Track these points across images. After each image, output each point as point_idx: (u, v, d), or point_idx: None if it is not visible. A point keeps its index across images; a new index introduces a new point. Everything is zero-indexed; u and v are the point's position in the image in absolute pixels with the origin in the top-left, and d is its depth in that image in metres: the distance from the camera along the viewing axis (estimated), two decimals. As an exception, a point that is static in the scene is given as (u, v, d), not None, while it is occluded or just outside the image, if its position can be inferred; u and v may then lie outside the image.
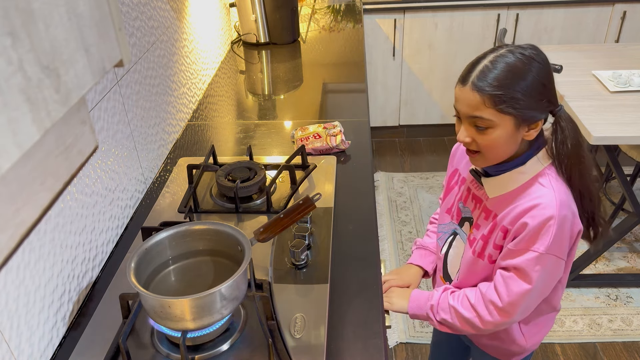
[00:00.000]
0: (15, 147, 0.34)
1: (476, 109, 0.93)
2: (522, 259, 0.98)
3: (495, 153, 0.98)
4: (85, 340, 1.00)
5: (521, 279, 0.99)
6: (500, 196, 1.03)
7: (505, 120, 0.93)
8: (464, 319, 1.08)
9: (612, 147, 2.12)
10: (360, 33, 2.61)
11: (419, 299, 1.15)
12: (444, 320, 1.11)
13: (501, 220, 1.02)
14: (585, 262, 2.33)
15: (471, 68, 0.95)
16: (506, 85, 0.91)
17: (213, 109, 1.91)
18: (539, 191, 0.97)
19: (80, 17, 0.41)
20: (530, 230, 0.96)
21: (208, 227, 1.04)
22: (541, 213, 0.95)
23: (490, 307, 1.04)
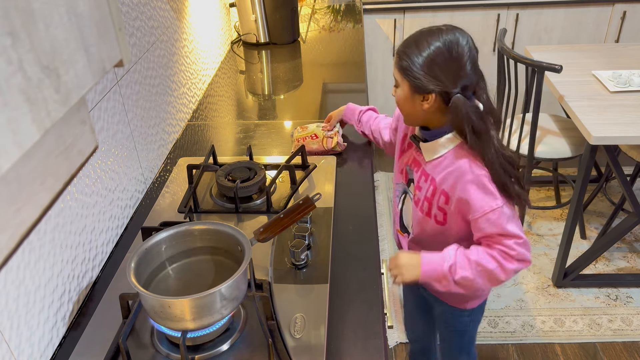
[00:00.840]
0: (15, 147, 0.34)
1: (394, 69, 1.12)
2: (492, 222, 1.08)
3: (403, 109, 1.15)
4: (85, 340, 1.00)
5: (511, 238, 1.09)
6: (434, 160, 1.15)
7: (404, 83, 1.10)
8: (487, 271, 1.09)
9: (612, 147, 2.12)
10: (360, 33, 2.61)
11: (431, 261, 1.13)
12: (464, 278, 1.10)
13: (440, 184, 1.14)
14: (585, 262, 2.33)
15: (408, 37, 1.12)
16: (406, 53, 1.07)
17: (213, 109, 1.91)
18: (460, 161, 1.10)
19: (80, 17, 0.41)
20: (475, 194, 1.08)
21: (208, 227, 1.04)
22: (474, 175, 1.08)
23: (507, 256, 1.09)
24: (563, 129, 2.49)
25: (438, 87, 1.06)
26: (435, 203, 1.16)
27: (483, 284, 1.12)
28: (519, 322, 2.21)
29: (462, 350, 1.52)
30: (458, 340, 1.50)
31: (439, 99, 1.08)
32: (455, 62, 1.05)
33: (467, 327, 1.44)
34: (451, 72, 1.05)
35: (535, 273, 2.46)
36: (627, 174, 2.45)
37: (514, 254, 1.09)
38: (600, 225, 2.69)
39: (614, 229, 2.30)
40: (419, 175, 1.20)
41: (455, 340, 1.50)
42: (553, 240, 2.65)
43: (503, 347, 2.10)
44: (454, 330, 1.47)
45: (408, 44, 1.08)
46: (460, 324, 1.43)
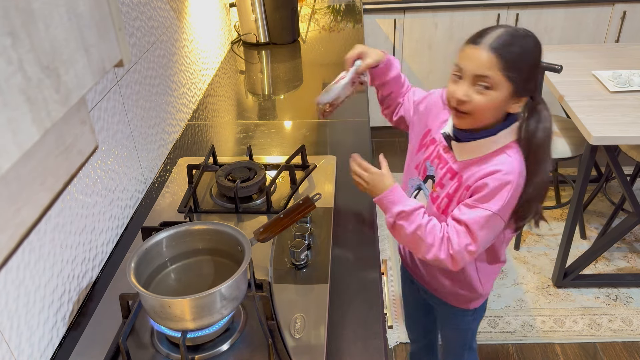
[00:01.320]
0: (15, 147, 0.34)
1: (486, 68, 0.99)
2: (474, 216, 1.06)
3: (483, 116, 1.05)
4: (85, 340, 1.00)
5: (470, 236, 1.06)
6: (468, 160, 1.11)
7: (504, 86, 1.00)
8: (421, 240, 1.08)
9: (612, 147, 2.12)
10: (360, 33, 2.61)
11: (395, 194, 1.11)
12: (401, 227, 1.10)
13: (466, 180, 1.10)
14: (585, 262, 2.33)
15: (483, 33, 1.02)
16: (517, 55, 0.99)
17: (213, 109, 1.91)
18: (505, 159, 1.06)
19: (80, 17, 0.41)
20: (489, 190, 1.05)
21: (208, 227, 1.04)
22: (502, 177, 1.04)
23: (449, 245, 1.08)
24: (563, 129, 2.49)
25: (534, 90, 1.03)
26: (457, 199, 1.13)
27: (410, 246, 1.13)
28: (519, 322, 2.21)
29: (465, 347, 1.52)
30: (461, 338, 1.50)
31: (523, 104, 1.05)
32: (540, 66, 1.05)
33: (470, 325, 1.45)
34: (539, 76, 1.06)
35: (535, 273, 2.46)
36: (627, 174, 2.45)
37: (455, 250, 1.06)
38: (600, 225, 2.69)
39: (614, 229, 2.30)
40: (444, 173, 1.15)
41: (458, 338, 1.51)
42: (553, 240, 2.65)
43: (503, 347, 2.10)
44: (457, 329, 1.47)
45: (513, 45, 0.99)
46: (464, 323, 1.44)
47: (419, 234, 1.08)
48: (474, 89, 1.02)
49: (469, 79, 1.02)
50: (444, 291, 1.34)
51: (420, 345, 1.76)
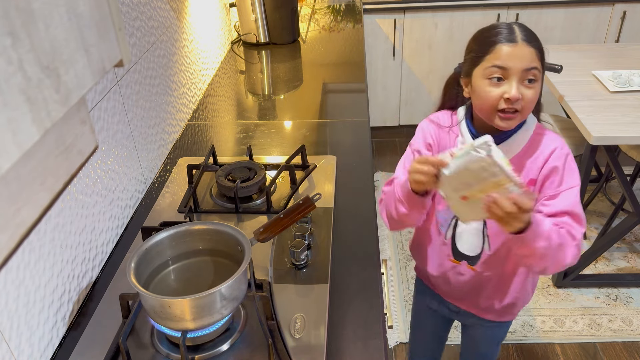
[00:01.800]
0: (15, 147, 0.34)
1: (532, 61, 1.01)
2: (568, 201, 1.05)
3: (530, 109, 1.05)
4: (85, 340, 1.00)
5: (576, 220, 1.05)
6: (512, 158, 1.08)
7: (541, 75, 1.03)
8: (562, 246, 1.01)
9: (612, 147, 2.12)
10: (360, 33, 2.61)
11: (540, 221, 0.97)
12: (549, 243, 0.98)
13: (526, 176, 1.09)
14: (585, 262, 2.33)
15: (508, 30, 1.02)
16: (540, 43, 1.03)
17: (213, 109, 1.91)
18: (545, 139, 1.09)
19: (80, 17, 0.41)
20: (562, 170, 1.06)
21: (208, 227, 1.04)
22: (560, 152, 1.07)
23: (572, 238, 1.04)
24: (563, 129, 2.49)
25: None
26: None
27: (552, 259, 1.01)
28: (519, 322, 2.21)
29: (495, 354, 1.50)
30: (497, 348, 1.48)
31: None
32: None
33: (506, 333, 1.43)
34: None
35: (535, 273, 2.46)
36: (627, 174, 2.45)
37: (578, 238, 1.04)
38: (600, 225, 2.69)
39: (614, 229, 2.30)
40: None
41: (495, 350, 1.47)
42: (553, 240, 2.64)
43: (503, 347, 2.10)
44: (497, 342, 1.44)
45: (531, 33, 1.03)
46: (503, 333, 1.41)
47: (558, 242, 1.00)
48: (522, 86, 1.01)
49: (516, 76, 1.00)
50: (497, 308, 1.28)
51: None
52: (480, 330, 1.41)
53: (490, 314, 1.32)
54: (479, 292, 1.27)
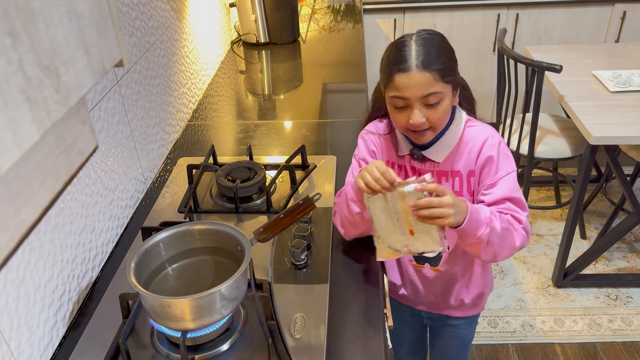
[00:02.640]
0: (15, 147, 0.34)
1: (429, 87, 1.00)
2: (505, 186, 1.07)
3: (443, 123, 1.08)
4: (85, 340, 1.00)
5: (517, 204, 1.08)
6: (448, 155, 1.12)
7: (448, 89, 1.03)
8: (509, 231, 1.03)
9: (612, 147, 2.12)
10: (360, 33, 2.61)
11: (474, 206, 1.00)
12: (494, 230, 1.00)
13: (465, 168, 1.12)
14: (585, 262, 2.33)
15: (402, 56, 1.01)
16: (443, 58, 1.01)
17: (213, 109, 1.91)
18: (476, 130, 1.12)
19: (80, 17, 0.41)
20: (496, 158, 1.08)
21: (208, 227, 1.04)
22: (493, 142, 1.09)
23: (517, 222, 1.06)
24: (563, 129, 2.49)
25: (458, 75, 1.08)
26: (466, 191, 1.12)
27: (501, 245, 1.03)
28: (519, 322, 2.21)
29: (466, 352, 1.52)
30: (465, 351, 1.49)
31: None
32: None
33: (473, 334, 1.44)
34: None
35: (535, 273, 2.46)
36: (627, 174, 2.45)
37: (524, 221, 1.06)
38: (600, 225, 2.69)
39: (614, 229, 2.30)
40: (437, 180, 1.14)
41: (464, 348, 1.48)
42: (553, 240, 2.65)
43: (503, 347, 2.10)
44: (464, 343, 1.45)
45: (436, 54, 1.00)
46: (471, 333, 1.43)
47: (504, 227, 1.02)
48: (425, 109, 1.02)
49: (417, 102, 1.02)
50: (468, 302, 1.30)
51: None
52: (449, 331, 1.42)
53: (460, 310, 1.34)
54: (448, 291, 1.29)
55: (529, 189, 2.53)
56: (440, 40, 1.04)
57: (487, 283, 1.31)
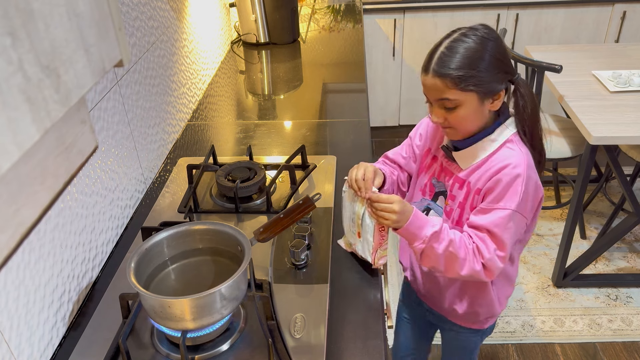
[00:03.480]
0: (15, 147, 0.34)
1: (442, 93, 1.01)
2: (493, 218, 1.04)
3: (465, 127, 1.06)
4: (85, 340, 1.00)
5: (494, 241, 1.05)
6: (473, 165, 1.10)
7: (469, 97, 1.01)
8: (454, 256, 1.04)
9: (612, 147, 2.12)
10: (360, 33, 2.61)
11: (420, 219, 1.05)
12: (433, 249, 1.05)
13: (475, 184, 1.09)
14: (585, 262, 2.33)
15: (430, 56, 1.03)
16: (466, 66, 0.99)
17: (213, 109, 1.91)
18: (508, 153, 1.06)
19: (80, 17, 0.41)
20: (501, 187, 1.04)
21: (208, 227, 1.04)
22: (511, 172, 1.03)
23: (479, 254, 1.06)
24: (563, 129, 2.49)
25: (507, 79, 1.04)
26: (469, 205, 1.11)
27: (442, 265, 1.07)
28: (519, 322, 2.21)
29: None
30: (467, 357, 1.47)
31: (503, 92, 1.05)
32: (506, 48, 1.05)
33: (477, 344, 1.42)
34: (509, 58, 1.05)
35: (535, 273, 2.46)
36: (627, 174, 2.45)
37: (487, 258, 1.04)
38: (600, 225, 2.69)
39: (614, 229, 2.30)
40: (452, 184, 1.14)
41: (464, 357, 1.47)
42: (553, 240, 2.65)
43: (503, 347, 2.10)
44: (465, 348, 1.44)
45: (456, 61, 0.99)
46: (472, 343, 1.41)
47: (451, 250, 1.04)
48: (445, 110, 1.04)
49: (435, 103, 1.05)
50: (461, 313, 1.29)
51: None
52: (451, 334, 1.41)
53: (455, 317, 1.32)
54: (441, 292, 1.28)
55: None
56: (472, 46, 1.00)
57: (483, 303, 1.25)
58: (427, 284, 1.31)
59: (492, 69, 1.00)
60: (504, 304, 1.28)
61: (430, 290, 1.32)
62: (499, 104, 1.05)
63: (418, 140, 1.26)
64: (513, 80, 1.06)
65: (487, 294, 1.23)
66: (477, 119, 1.06)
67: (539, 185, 1.09)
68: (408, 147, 1.29)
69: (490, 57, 1.00)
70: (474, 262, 1.05)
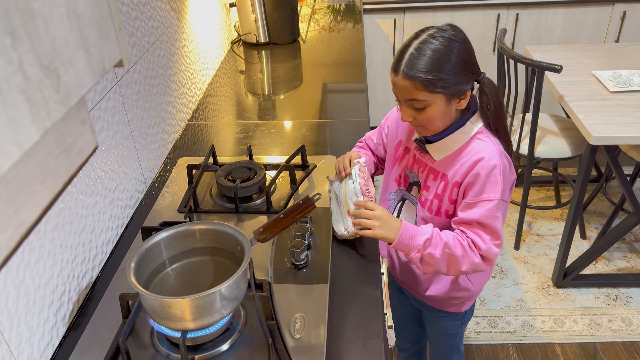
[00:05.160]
0: (15, 147, 0.34)
1: (411, 94, 1.05)
2: (482, 211, 1.08)
3: (434, 125, 1.11)
4: (85, 340, 1.00)
5: (488, 232, 1.09)
6: (447, 157, 1.14)
7: (437, 98, 1.05)
8: (452, 256, 1.08)
9: (612, 147, 2.12)
10: (360, 33, 2.61)
11: (410, 230, 1.09)
12: (431, 255, 1.08)
13: (452, 177, 1.13)
14: (585, 262, 2.33)
15: (400, 57, 1.05)
16: (434, 69, 1.01)
17: (213, 109, 1.91)
18: (481, 145, 1.11)
19: (80, 17, 0.41)
20: (482, 180, 1.08)
21: (208, 227, 1.04)
22: (487, 164, 1.08)
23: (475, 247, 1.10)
24: (563, 129, 2.49)
25: (473, 79, 1.08)
26: (447, 198, 1.15)
27: (443, 267, 1.10)
28: (519, 322, 2.21)
29: (453, 350, 1.53)
30: (450, 342, 1.51)
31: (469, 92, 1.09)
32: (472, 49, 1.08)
33: (459, 329, 1.46)
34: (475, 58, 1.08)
35: (535, 273, 2.46)
36: (627, 174, 2.45)
37: (484, 249, 1.08)
38: (600, 225, 2.69)
39: (614, 229, 2.30)
40: (426, 175, 1.19)
41: (447, 342, 1.51)
42: (553, 240, 2.65)
43: (503, 347, 2.10)
44: (447, 333, 1.48)
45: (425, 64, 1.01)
46: (453, 327, 1.45)
47: (447, 252, 1.08)
48: (412, 110, 1.08)
49: (404, 103, 1.09)
50: (439, 298, 1.33)
51: (410, 354, 1.76)
52: (433, 319, 1.46)
53: (433, 302, 1.37)
54: (415, 276, 1.33)
55: (529, 189, 2.53)
56: (440, 48, 1.02)
57: (458, 288, 1.30)
58: (404, 272, 1.37)
59: (458, 71, 1.03)
60: (479, 285, 1.33)
61: (408, 277, 1.37)
62: (465, 103, 1.09)
63: (387, 130, 1.33)
64: (479, 80, 1.10)
65: (462, 278, 1.29)
66: (445, 118, 1.10)
67: (512, 169, 1.14)
68: (379, 134, 1.37)
69: (456, 59, 1.03)
70: (472, 256, 1.08)
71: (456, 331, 1.47)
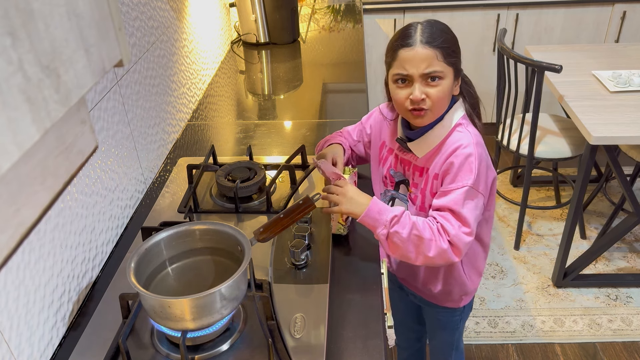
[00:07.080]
0: (15, 147, 0.34)
1: (430, 64, 1.05)
2: (453, 197, 1.08)
3: (441, 107, 1.11)
4: (85, 340, 1.00)
5: (457, 218, 1.08)
6: (428, 152, 1.16)
7: (449, 72, 1.07)
8: (420, 238, 1.06)
9: (612, 147, 2.12)
10: (360, 33, 2.61)
11: (378, 205, 1.09)
12: (398, 234, 1.07)
13: (432, 170, 1.15)
14: (585, 262, 2.33)
15: (407, 33, 1.07)
16: (448, 40, 1.06)
17: (213, 109, 1.91)
18: (459, 136, 1.12)
19: (80, 17, 0.41)
20: (456, 168, 1.09)
21: (208, 227, 1.04)
22: (462, 152, 1.09)
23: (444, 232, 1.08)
24: (563, 129, 2.49)
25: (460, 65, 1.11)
26: (429, 191, 1.16)
27: (411, 250, 1.08)
28: (519, 322, 2.21)
29: (452, 347, 1.54)
30: (449, 338, 1.51)
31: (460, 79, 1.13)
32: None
33: (458, 325, 1.47)
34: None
35: (535, 273, 2.46)
36: (627, 174, 2.45)
37: (452, 234, 1.06)
38: (600, 225, 2.69)
39: (614, 229, 2.30)
40: (412, 173, 1.21)
41: (446, 338, 1.52)
42: (553, 240, 2.65)
43: (503, 347, 2.10)
44: (446, 329, 1.48)
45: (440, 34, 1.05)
46: (452, 323, 1.45)
47: (415, 233, 1.07)
48: (425, 87, 1.08)
49: (418, 79, 1.07)
50: (436, 293, 1.34)
51: (411, 352, 1.77)
52: (432, 314, 1.48)
53: (431, 297, 1.38)
54: (413, 272, 1.34)
55: (529, 189, 2.53)
56: (444, 27, 1.09)
57: (455, 282, 1.31)
58: (402, 267, 1.38)
59: (458, 51, 1.09)
60: (476, 281, 1.34)
61: (406, 272, 1.38)
62: (458, 88, 1.12)
63: (369, 130, 1.35)
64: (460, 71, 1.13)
65: (457, 273, 1.29)
66: (447, 100, 1.11)
67: (490, 165, 1.14)
68: (359, 132, 1.37)
69: (456, 39, 1.09)
70: (440, 240, 1.07)
71: (455, 327, 1.47)
